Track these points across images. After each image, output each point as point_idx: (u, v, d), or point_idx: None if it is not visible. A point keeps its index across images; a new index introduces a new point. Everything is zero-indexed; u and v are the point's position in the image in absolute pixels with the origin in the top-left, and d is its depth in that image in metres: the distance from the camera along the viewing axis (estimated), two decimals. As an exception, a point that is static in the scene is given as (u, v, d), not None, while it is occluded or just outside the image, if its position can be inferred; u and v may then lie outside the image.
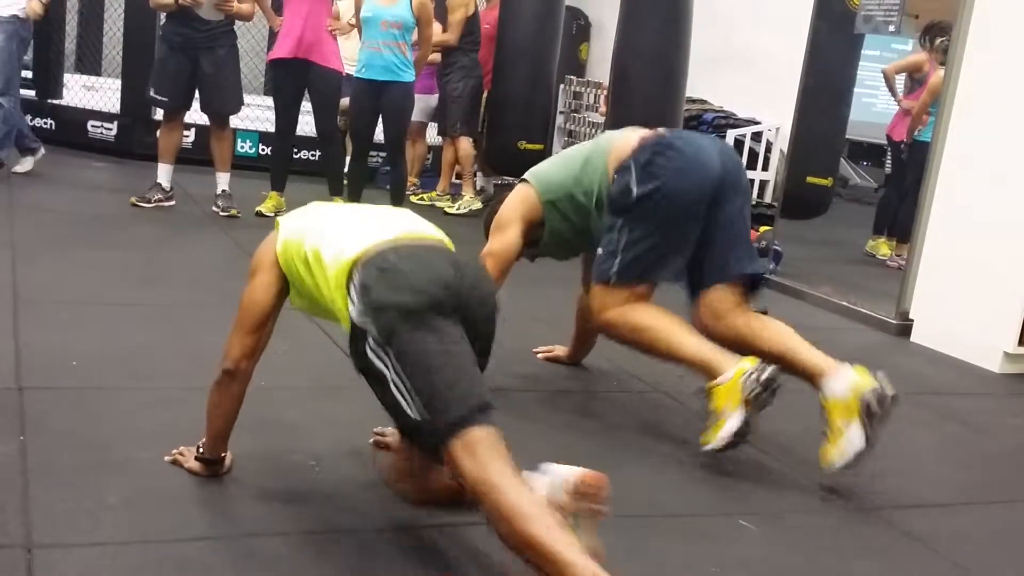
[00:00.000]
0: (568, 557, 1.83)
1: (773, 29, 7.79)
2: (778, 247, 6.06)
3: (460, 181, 7.61)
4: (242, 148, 7.60)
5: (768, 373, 2.78)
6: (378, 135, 6.07)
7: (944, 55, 5.51)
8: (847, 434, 2.73)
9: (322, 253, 2.23)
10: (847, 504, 2.81)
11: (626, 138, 3.20)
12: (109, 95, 7.75)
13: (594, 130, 8.89)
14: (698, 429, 3.21)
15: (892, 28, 5.71)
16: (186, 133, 6.73)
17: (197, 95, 5.85)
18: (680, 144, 3.14)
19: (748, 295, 3.16)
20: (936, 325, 4.83)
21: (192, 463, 2.46)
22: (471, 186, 7.32)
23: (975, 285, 4.61)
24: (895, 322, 5.05)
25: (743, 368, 2.80)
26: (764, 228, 6.42)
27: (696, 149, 3.14)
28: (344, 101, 6.17)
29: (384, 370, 2.09)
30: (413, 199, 7.25)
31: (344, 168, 6.19)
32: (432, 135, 8.18)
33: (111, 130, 7.61)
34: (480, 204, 6.98)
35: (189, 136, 7.10)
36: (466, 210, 7.00)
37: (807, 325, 5.06)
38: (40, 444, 2.53)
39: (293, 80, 5.89)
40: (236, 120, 6.33)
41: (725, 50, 8.10)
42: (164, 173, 5.88)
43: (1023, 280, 4.44)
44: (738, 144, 7.82)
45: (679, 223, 3.08)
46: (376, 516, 2.39)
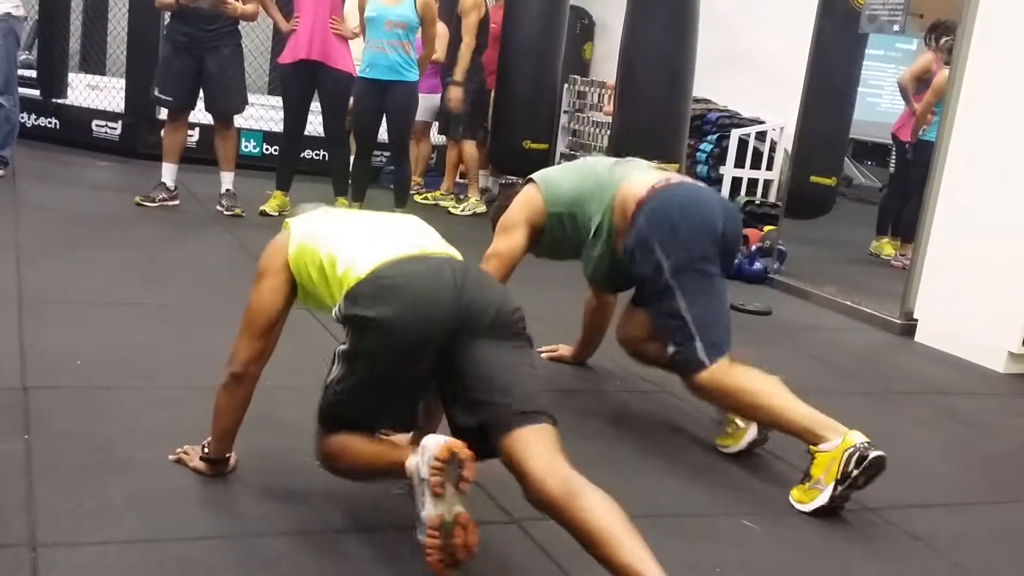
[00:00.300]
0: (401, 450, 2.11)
1: (777, 29, 7.79)
2: (782, 247, 6.06)
3: (463, 181, 7.61)
4: (246, 147, 7.60)
5: (873, 457, 2.65)
6: (382, 134, 6.08)
7: (949, 54, 5.50)
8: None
9: (337, 262, 2.23)
10: (849, 504, 2.80)
11: (634, 184, 3.15)
12: (113, 94, 7.75)
13: (598, 129, 8.88)
14: (700, 428, 3.22)
15: (896, 28, 5.70)
16: (190, 132, 6.73)
17: (201, 95, 5.86)
18: (686, 196, 3.13)
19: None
20: (940, 325, 4.82)
21: (197, 463, 2.46)
22: (477, 189, 7.33)
23: (979, 285, 4.60)
24: (899, 322, 5.05)
25: (850, 442, 2.68)
26: (768, 228, 6.42)
27: (702, 202, 3.12)
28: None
29: (332, 367, 2.24)
30: (417, 198, 7.25)
31: (349, 169, 6.19)
32: (436, 135, 8.19)
33: (115, 129, 7.61)
34: (484, 207, 6.98)
35: (193, 135, 7.11)
36: (470, 212, 7.01)
37: (811, 325, 5.11)
38: (44, 443, 2.54)
39: (304, 82, 5.89)
40: (240, 119, 6.34)
41: (730, 50, 8.10)
42: (168, 172, 5.89)
43: (1027, 280, 4.44)
44: (742, 143, 7.81)
45: (709, 273, 3.04)
46: (379, 516, 2.39)
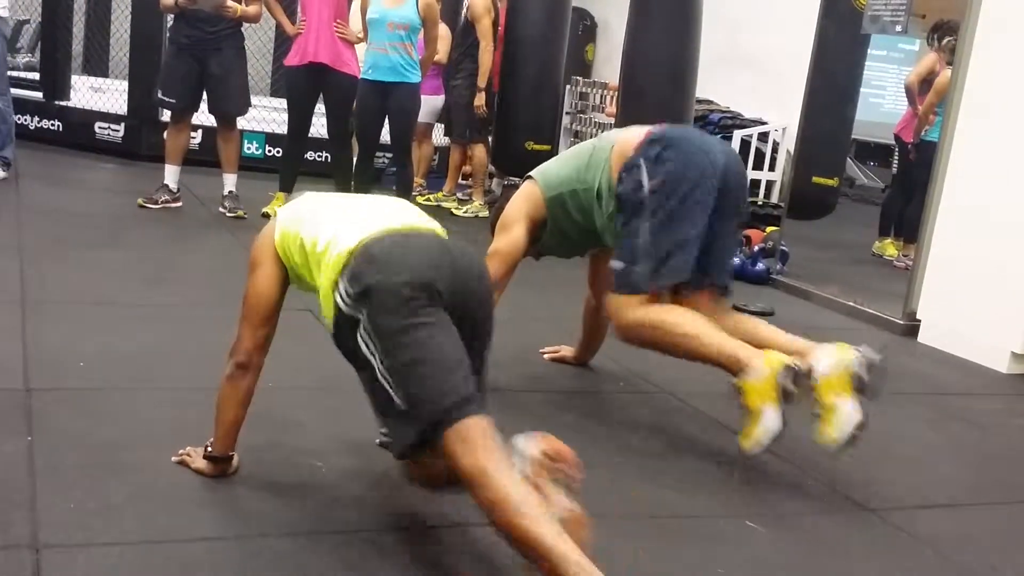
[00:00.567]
0: (554, 548, 1.86)
1: (780, 29, 7.80)
2: (785, 247, 6.06)
3: (465, 182, 7.61)
4: (249, 149, 7.62)
5: (804, 368, 2.71)
6: (384, 136, 6.08)
7: (951, 55, 5.50)
8: (842, 409, 2.68)
9: (318, 241, 2.27)
10: (853, 504, 2.80)
11: (630, 134, 3.19)
12: (116, 96, 7.77)
13: (600, 131, 8.89)
14: (702, 430, 3.22)
15: (899, 28, 5.70)
16: (193, 134, 6.74)
17: (204, 96, 5.86)
18: (684, 135, 3.17)
19: (722, 296, 3.18)
20: (943, 325, 4.82)
21: (200, 463, 2.46)
22: (481, 193, 7.32)
23: (982, 285, 4.60)
24: (902, 322, 5.05)
25: (778, 362, 2.70)
26: (771, 228, 6.42)
27: (701, 141, 3.17)
28: None
29: (371, 358, 2.13)
30: (419, 200, 7.25)
31: (352, 170, 6.20)
32: (438, 136, 8.19)
33: (118, 131, 7.62)
34: (487, 212, 6.97)
35: (196, 137, 7.12)
36: (473, 215, 7.01)
37: (814, 325, 5.09)
38: (47, 445, 2.54)
39: (310, 84, 5.89)
40: (243, 121, 6.35)
41: (732, 50, 8.10)
42: (171, 174, 5.89)
43: (1031, 280, 4.43)
44: (745, 144, 7.82)
45: (693, 207, 3.00)
46: (383, 516, 2.39)
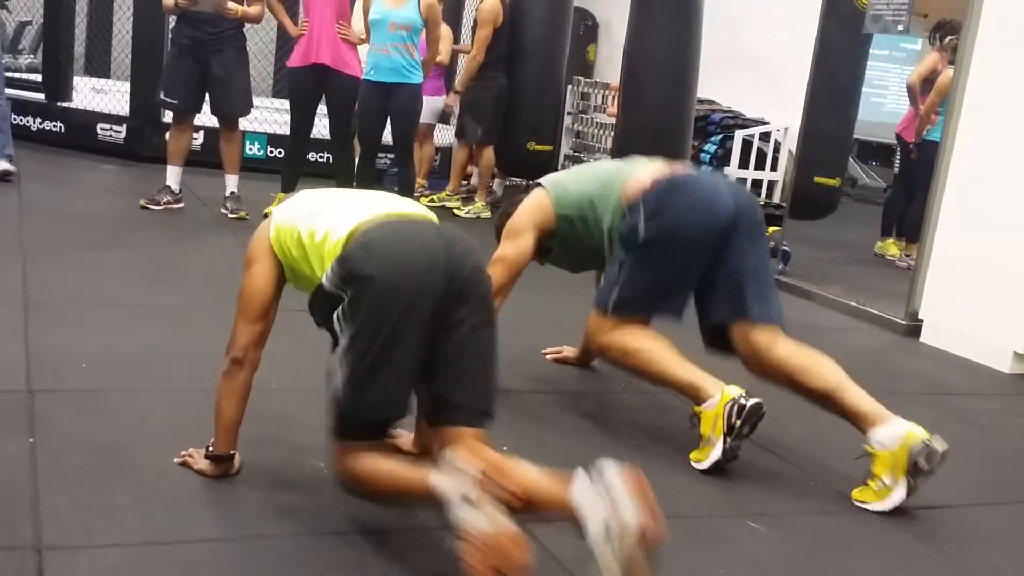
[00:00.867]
0: (416, 474, 2.09)
1: (781, 29, 7.80)
2: (787, 247, 6.05)
3: (464, 183, 7.60)
4: (251, 150, 7.62)
5: (750, 406, 2.78)
6: (386, 137, 6.08)
7: (953, 54, 5.50)
8: (894, 490, 2.72)
9: (316, 232, 2.30)
10: (854, 504, 2.80)
11: (641, 175, 3.14)
12: (118, 98, 7.78)
13: (602, 131, 8.89)
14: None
15: (901, 28, 5.70)
16: (195, 135, 6.74)
17: (206, 97, 5.87)
18: (692, 183, 3.11)
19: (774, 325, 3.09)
20: (945, 325, 4.81)
21: (202, 463, 2.47)
22: (485, 194, 7.32)
23: (985, 285, 4.60)
24: (904, 322, 5.04)
25: (728, 396, 2.81)
26: (773, 228, 6.40)
27: (708, 191, 3.09)
28: None
29: (340, 337, 2.21)
30: (423, 201, 7.24)
31: (354, 171, 6.20)
32: (440, 137, 8.19)
33: (120, 133, 7.62)
34: (489, 213, 6.96)
35: (198, 138, 7.12)
36: (474, 216, 7.01)
37: (815, 325, 5.10)
38: (50, 446, 2.54)
39: (313, 85, 5.89)
40: (245, 122, 6.34)
41: (734, 50, 8.10)
42: (173, 175, 5.90)
43: (1033, 280, 4.43)
44: (746, 144, 7.81)
45: (681, 265, 3.07)
46: (385, 517, 2.39)
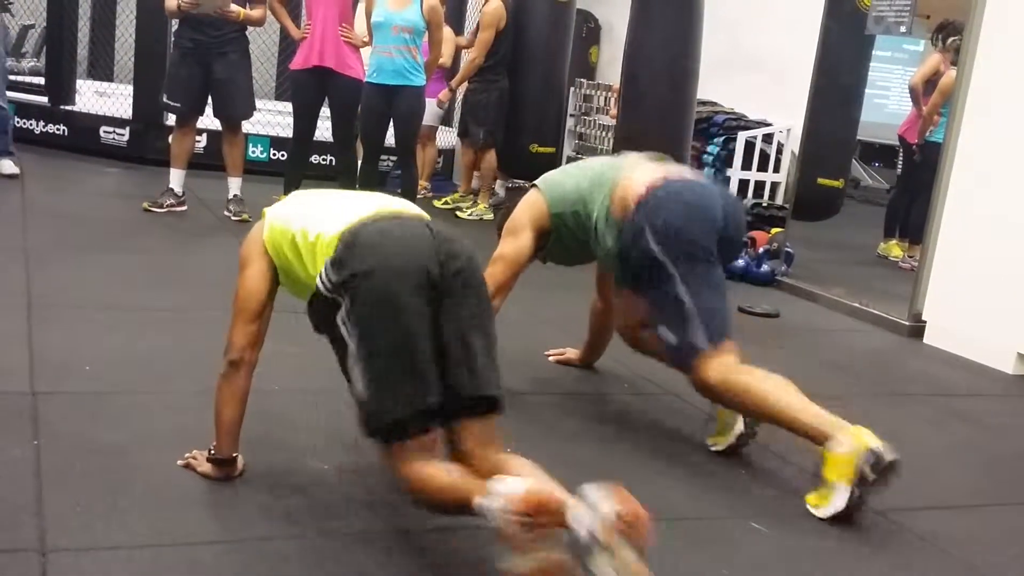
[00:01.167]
0: (470, 486, 2.03)
1: (784, 30, 7.79)
2: (790, 249, 6.05)
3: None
4: (253, 153, 7.62)
5: (887, 463, 2.62)
6: (389, 139, 6.09)
7: (956, 55, 5.49)
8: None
9: (309, 232, 2.31)
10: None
11: (633, 179, 3.13)
12: (121, 101, 7.79)
13: (604, 133, 8.89)
14: (706, 431, 3.20)
15: (903, 29, 5.69)
16: (198, 138, 6.75)
17: (209, 100, 5.87)
18: (684, 189, 3.11)
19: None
20: (949, 326, 4.81)
21: (205, 466, 2.47)
22: (487, 196, 7.32)
23: (988, 286, 4.59)
24: (907, 324, 5.04)
25: (864, 444, 2.63)
26: (776, 230, 6.41)
27: (699, 196, 3.11)
28: None
29: (348, 341, 2.19)
30: (437, 204, 7.24)
31: (356, 173, 6.20)
32: (442, 139, 8.19)
33: (123, 135, 7.64)
34: (491, 216, 6.96)
35: (201, 141, 7.13)
36: (477, 217, 7.01)
37: (819, 327, 5.10)
38: (54, 448, 2.54)
39: (316, 88, 5.88)
40: (248, 125, 6.35)
41: (736, 52, 8.09)
42: (176, 178, 5.90)
43: (1036, 281, 4.42)
44: (749, 146, 7.81)
45: (713, 264, 3.04)
46: (389, 518, 2.40)
